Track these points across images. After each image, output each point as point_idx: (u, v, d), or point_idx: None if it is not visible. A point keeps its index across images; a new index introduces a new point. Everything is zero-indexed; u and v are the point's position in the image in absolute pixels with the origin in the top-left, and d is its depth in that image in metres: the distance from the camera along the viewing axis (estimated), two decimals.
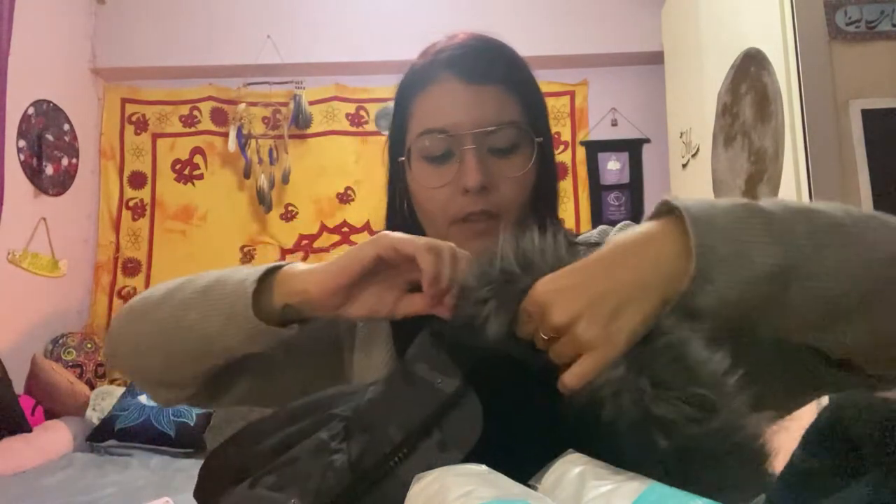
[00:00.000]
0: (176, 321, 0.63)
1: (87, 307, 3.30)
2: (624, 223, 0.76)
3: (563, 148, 3.40)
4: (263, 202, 3.28)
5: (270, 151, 3.33)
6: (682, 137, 2.82)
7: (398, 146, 0.75)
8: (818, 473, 0.32)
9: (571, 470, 0.41)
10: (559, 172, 3.44)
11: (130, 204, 3.40)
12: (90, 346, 3.06)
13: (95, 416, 2.72)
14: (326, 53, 3.34)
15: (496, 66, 0.72)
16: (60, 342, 2.98)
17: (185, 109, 3.44)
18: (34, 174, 2.93)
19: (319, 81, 3.40)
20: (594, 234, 0.78)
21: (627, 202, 3.36)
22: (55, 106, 3.08)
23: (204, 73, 3.41)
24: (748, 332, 0.53)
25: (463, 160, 0.69)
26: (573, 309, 0.48)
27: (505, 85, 0.71)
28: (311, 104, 3.36)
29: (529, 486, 0.42)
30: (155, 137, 3.45)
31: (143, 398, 2.68)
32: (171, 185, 3.40)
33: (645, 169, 3.37)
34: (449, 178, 0.69)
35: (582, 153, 3.40)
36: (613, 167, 3.38)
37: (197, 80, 3.44)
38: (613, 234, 0.75)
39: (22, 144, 2.86)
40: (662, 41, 3.14)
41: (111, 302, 3.31)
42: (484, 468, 0.42)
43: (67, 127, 3.16)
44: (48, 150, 3.00)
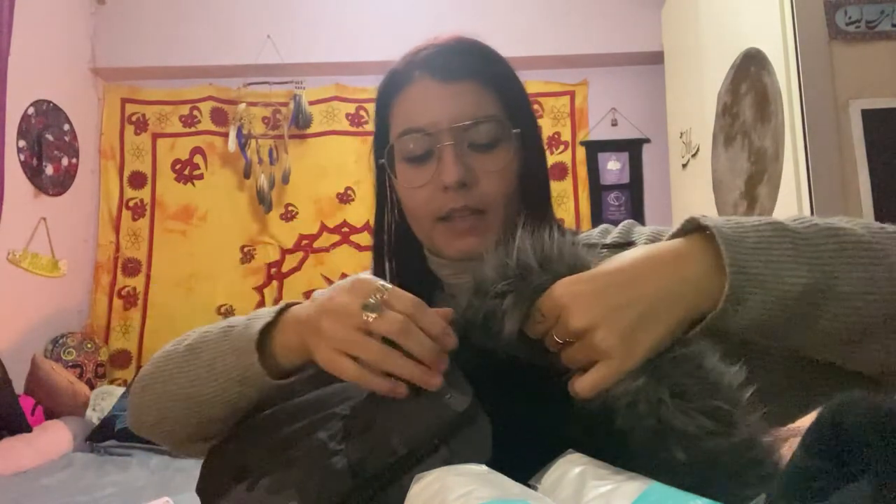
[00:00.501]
0: (193, 398, 0.62)
1: (87, 307, 3.30)
2: (628, 222, 0.76)
3: (563, 148, 3.40)
4: (263, 202, 3.28)
5: (270, 151, 3.33)
6: (682, 137, 2.82)
7: (381, 150, 0.75)
8: (818, 473, 0.32)
9: (571, 470, 0.41)
10: (559, 172, 3.43)
11: (130, 204, 3.40)
12: (90, 346, 3.06)
13: (95, 416, 2.72)
14: (326, 53, 3.34)
15: (470, 62, 0.71)
16: (60, 342, 2.97)
17: (185, 109, 3.44)
18: (34, 174, 2.93)
19: (319, 81, 3.41)
20: (595, 233, 0.78)
21: (627, 202, 3.36)
22: (55, 106, 3.07)
23: (204, 73, 3.41)
24: (763, 346, 0.53)
25: (441, 157, 0.69)
26: (592, 315, 0.47)
27: (481, 80, 0.70)
28: (311, 104, 3.36)
29: (529, 486, 0.42)
30: (155, 137, 3.45)
31: None
32: (171, 185, 3.40)
33: (645, 169, 3.37)
34: (429, 176, 0.69)
35: (582, 153, 3.40)
36: (613, 167, 3.38)
37: (197, 80, 3.44)
38: (616, 233, 0.75)
39: (22, 144, 2.86)
40: (662, 41, 3.14)
41: (111, 302, 3.31)
42: (484, 468, 0.42)
43: (67, 127, 3.16)
44: (48, 150, 3.00)
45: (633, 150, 3.39)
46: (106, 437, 2.57)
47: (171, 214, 3.38)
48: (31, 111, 2.91)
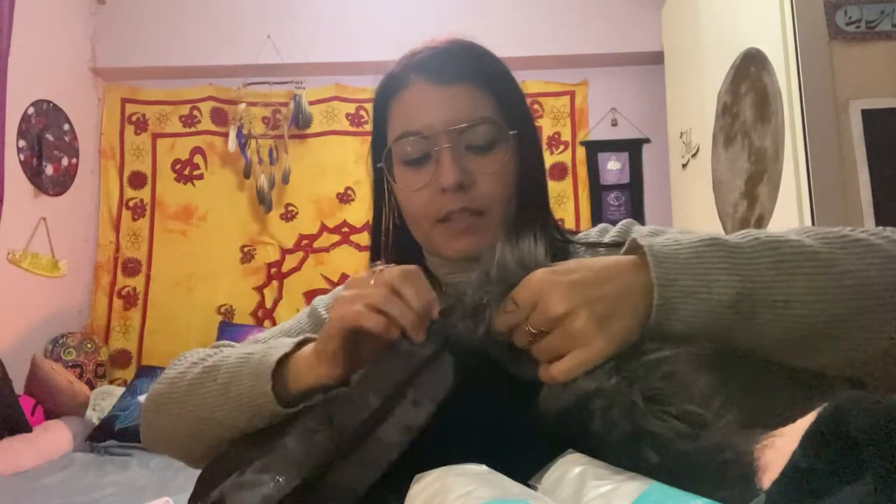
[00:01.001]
0: (205, 420, 0.64)
1: (87, 307, 3.30)
2: (627, 221, 0.76)
3: (563, 148, 3.40)
4: (263, 202, 3.28)
5: (270, 151, 3.33)
6: (682, 137, 2.82)
7: (379, 153, 0.76)
8: (818, 473, 0.32)
9: (571, 470, 0.41)
10: (559, 172, 3.43)
11: (130, 204, 3.40)
12: (90, 346, 3.06)
13: (95, 416, 2.72)
14: (326, 53, 3.34)
15: (465, 64, 0.72)
16: (60, 342, 2.97)
17: (185, 109, 3.44)
18: (34, 174, 2.93)
19: (319, 81, 3.41)
20: (593, 232, 0.78)
21: (627, 202, 3.36)
22: (55, 106, 3.07)
23: (204, 73, 3.41)
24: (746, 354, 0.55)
25: (439, 160, 0.69)
26: (573, 301, 0.49)
27: (476, 82, 0.71)
28: (311, 104, 3.36)
29: (529, 486, 0.42)
30: (155, 137, 3.45)
31: (143, 398, 2.67)
32: (171, 185, 3.40)
33: (645, 169, 3.37)
34: (427, 179, 0.70)
35: (582, 153, 3.40)
36: (613, 167, 3.38)
37: (197, 80, 3.44)
38: (615, 232, 0.75)
39: (22, 144, 2.86)
40: (662, 41, 3.14)
41: (111, 302, 3.31)
42: (484, 468, 0.42)
43: (67, 127, 3.16)
44: (48, 150, 3.00)
45: (633, 150, 3.39)
46: (106, 437, 2.57)
47: (171, 214, 3.38)
48: (31, 111, 2.91)
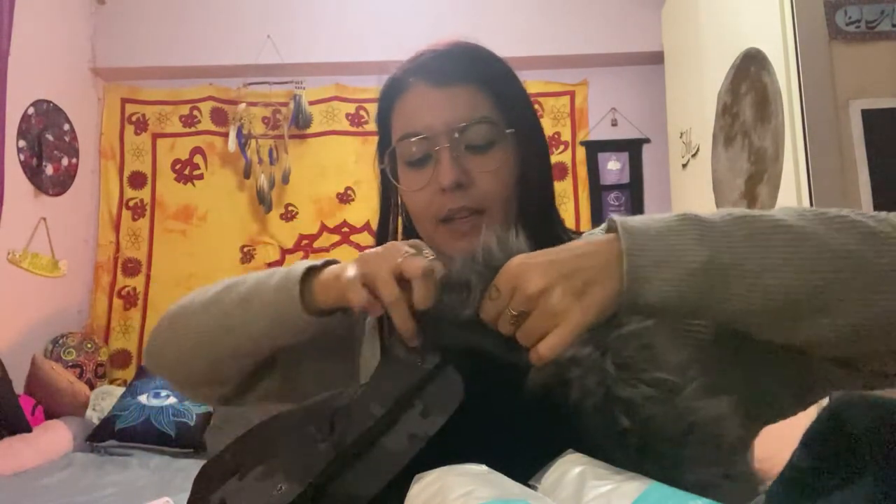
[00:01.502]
0: (221, 327, 0.67)
1: (87, 307, 3.30)
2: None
3: (563, 148, 3.40)
4: (263, 202, 3.28)
5: (270, 151, 3.33)
6: (682, 137, 2.82)
7: (384, 155, 0.78)
8: (818, 473, 0.32)
9: (571, 470, 0.41)
10: (559, 172, 3.43)
11: (130, 204, 3.40)
12: (90, 346, 3.06)
13: (95, 416, 2.72)
14: (326, 53, 3.34)
15: (464, 66, 0.74)
16: (60, 342, 2.97)
17: (185, 109, 3.44)
18: (34, 174, 2.93)
19: (319, 81, 3.40)
20: (597, 231, 0.79)
21: (627, 202, 3.36)
22: (55, 106, 3.08)
23: (204, 73, 3.41)
24: (738, 336, 0.56)
25: (438, 160, 0.71)
26: (548, 278, 0.51)
27: (476, 83, 0.73)
28: (311, 104, 3.36)
29: (529, 485, 0.42)
30: (155, 137, 3.45)
31: (143, 398, 2.68)
32: (171, 185, 3.40)
33: (645, 169, 3.37)
34: (428, 179, 0.72)
35: (582, 153, 3.40)
36: (613, 167, 3.38)
37: (197, 80, 3.44)
38: None
39: (22, 144, 2.86)
40: (662, 41, 3.14)
41: (111, 302, 3.31)
42: (484, 468, 0.42)
43: (67, 127, 3.16)
44: (48, 150, 3.00)
45: (633, 150, 3.39)
46: (106, 437, 2.57)
47: (171, 214, 3.38)
48: (31, 111, 2.91)
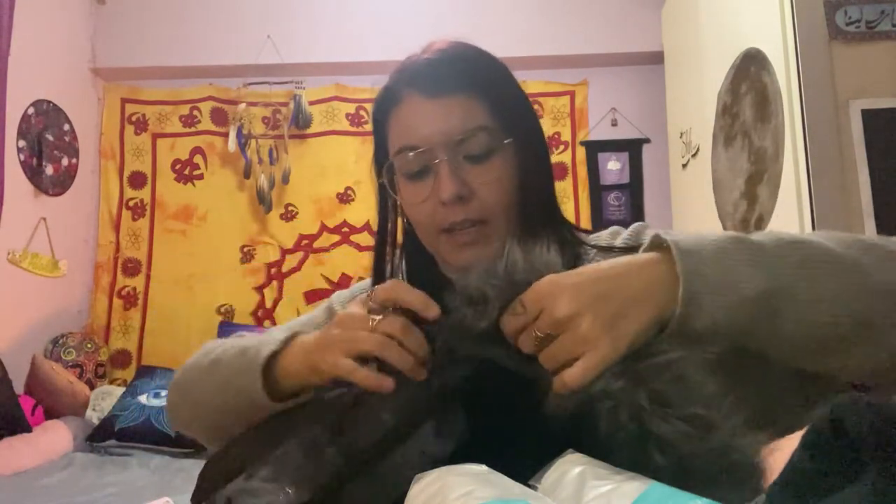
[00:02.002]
0: (216, 408, 0.70)
1: (87, 307, 3.29)
2: (640, 224, 0.76)
3: (563, 148, 3.40)
4: (263, 202, 3.28)
5: (270, 151, 3.33)
6: (682, 137, 2.82)
7: (382, 165, 0.77)
8: (818, 473, 0.32)
9: (571, 470, 0.41)
10: (559, 172, 3.42)
11: (130, 204, 3.40)
12: (90, 346, 3.06)
13: (95, 416, 2.72)
14: (326, 53, 3.33)
15: (458, 75, 0.72)
16: (60, 342, 2.97)
17: (185, 109, 3.44)
18: (34, 174, 2.93)
19: (319, 81, 3.40)
20: (604, 234, 0.78)
21: (627, 202, 3.36)
22: (55, 106, 3.07)
23: (204, 73, 3.40)
24: (758, 356, 0.54)
25: (437, 173, 0.70)
26: (578, 304, 0.49)
27: (470, 91, 0.71)
28: (311, 104, 3.36)
29: (529, 486, 0.42)
30: (155, 137, 3.45)
31: (143, 398, 2.68)
32: (171, 185, 3.40)
33: (645, 169, 3.37)
34: (428, 192, 0.71)
35: (582, 153, 3.40)
36: (613, 167, 3.38)
37: (197, 80, 3.44)
38: (626, 235, 0.75)
39: (22, 144, 2.86)
40: (662, 41, 3.14)
41: (111, 302, 3.31)
42: (484, 468, 0.42)
43: (67, 127, 3.16)
44: (48, 150, 3.00)
45: (633, 150, 3.39)
46: (106, 437, 2.57)
47: (171, 214, 3.37)
48: (31, 111, 2.91)
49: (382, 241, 0.80)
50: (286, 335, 0.66)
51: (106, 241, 3.35)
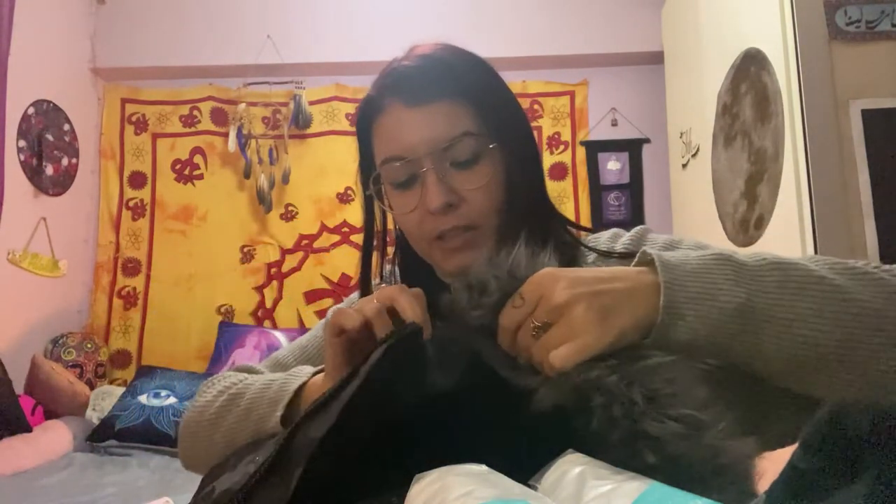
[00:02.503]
0: (231, 444, 0.67)
1: (87, 307, 3.29)
2: (641, 228, 0.76)
3: (563, 148, 3.40)
4: (263, 202, 3.28)
5: (270, 151, 3.33)
6: (682, 137, 2.82)
7: (367, 176, 0.77)
8: (818, 473, 0.32)
9: (571, 470, 0.41)
10: (559, 172, 3.42)
11: (130, 204, 3.40)
12: (90, 346, 3.06)
13: (95, 416, 2.72)
14: (326, 53, 3.34)
15: (440, 81, 0.70)
16: (60, 342, 2.97)
17: (185, 109, 3.44)
18: (34, 174, 2.93)
19: (319, 81, 3.40)
20: (604, 237, 0.78)
21: (627, 202, 3.36)
22: (55, 106, 3.07)
23: (204, 73, 3.41)
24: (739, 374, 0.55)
25: (424, 183, 0.69)
26: (575, 292, 0.50)
27: (453, 98, 0.70)
28: (311, 104, 3.36)
29: (529, 485, 0.42)
30: (155, 137, 3.45)
31: (143, 398, 2.67)
32: (171, 185, 3.40)
33: (645, 169, 3.37)
34: (416, 201, 0.71)
35: (582, 153, 3.40)
36: (613, 167, 3.38)
37: (197, 80, 3.44)
38: (626, 239, 0.75)
39: (22, 144, 2.86)
40: (662, 41, 3.14)
41: (111, 302, 3.31)
42: (484, 468, 0.42)
43: (67, 127, 3.16)
44: (48, 150, 3.00)
45: (633, 150, 3.39)
46: (106, 437, 2.57)
47: (171, 214, 3.37)
48: (31, 111, 2.91)
49: (368, 251, 0.80)
50: (316, 369, 0.66)
51: (106, 241, 3.35)
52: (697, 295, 0.51)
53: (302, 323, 3.27)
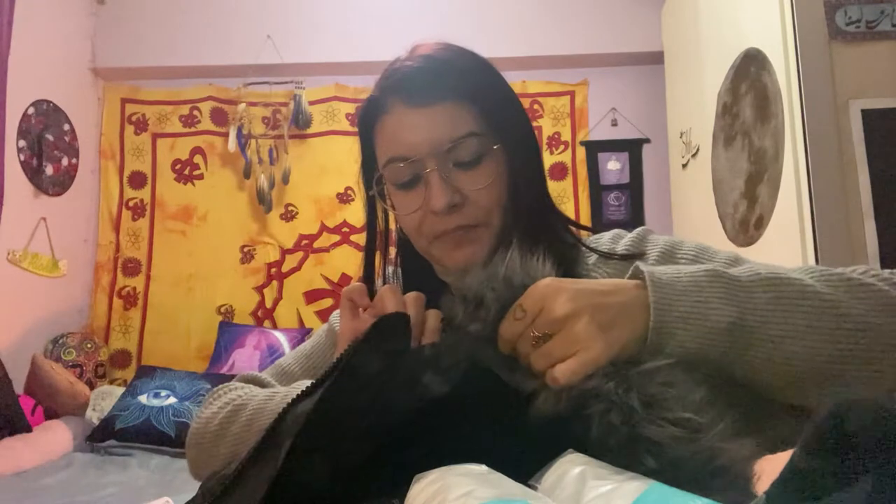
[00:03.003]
0: (235, 455, 0.67)
1: (87, 307, 3.30)
2: (643, 230, 0.76)
3: (563, 148, 3.40)
4: (263, 202, 3.28)
5: (270, 151, 3.33)
6: (682, 137, 2.82)
7: (370, 177, 0.77)
8: (818, 473, 0.32)
9: (571, 470, 0.41)
10: (559, 172, 3.42)
11: (130, 204, 3.40)
12: (90, 346, 3.06)
13: (95, 416, 2.72)
14: (326, 53, 3.34)
15: (443, 81, 0.70)
16: (60, 342, 2.97)
17: (185, 109, 3.44)
18: (34, 174, 2.93)
19: (319, 81, 3.40)
20: (605, 238, 0.77)
21: (627, 202, 3.36)
22: (55, 106, 3.08)
23: (204, 73, 3.41)
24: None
25: (428, 183, 0.70)
26: (577, 304, 0.50)
27: (455, 98, 0.70)
28: (311, 104, 3.36)
29: (529, 485, 0.42)
30: (155, 137, 3.45)
31: (143, 398, 2.67)
32: (171, 185, 3.40)
33: (645, 169, 3.37)
34: (419, 201, 0.71)
35: (582, 153, 3.40)
36: (613, 167, 3.38)
37: (197, 80, 3.44)
38: (628, 241, 0.74)
39: (22, 144, 2.86)
40: (662, 41, 3.14)
41: (111, 302, 3.31)
42: (484, 468, 0.42)
43: (67, 127, 3.16)
44: (48, 150, 3.00)
45: (633, 150, 3.39)
46: (106, 437, 2.57)
47: (171, 214, 3.38)
48: (31, 111, 2.91)
49: (371, 251, 0.81)
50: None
51: (106, 241, 3.35)
52: (688, 314, 0.51)
53: (302, 323, 3.28)
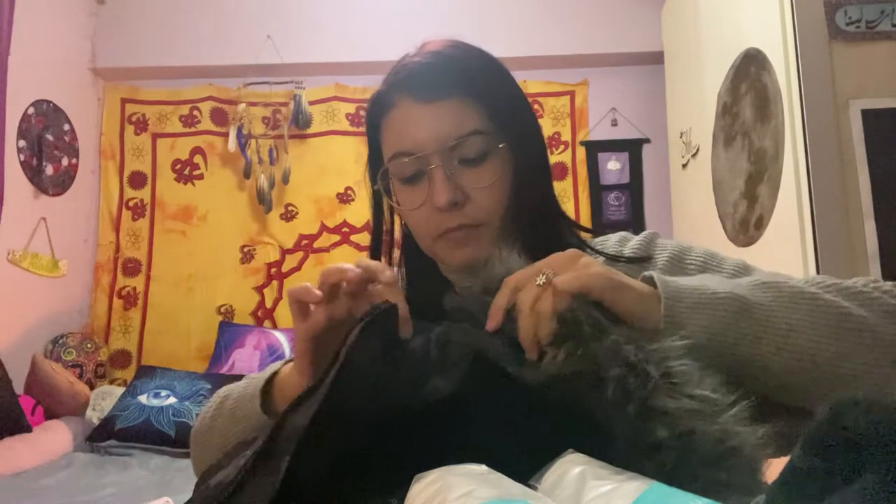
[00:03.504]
0: (225, 446, 0.68)
1: (87, 307, 3.30)
2: (650, 233, 0.76)
3: (563, 148, 3.41)
4: (263, 202, 3.28)
5: (270, 151, 3.33)
6: (682, 137, 2.82)
7: (376, 171, 0.77)
8: (818, 473, 0.32)
9: (571, 470, 0.41)
10: (559, 172, 3.42)
11: (130, 204, 3.40)
12: (90, 346, 3.06)
13: (95, 416, 2.72)
14: (326, 53, 3.34)
15: (450, 78, 0.71)
16: (60, 342, 2.97)
17: (185, 109, 3.44)
18: (34, 174, 2.93)
19: (319, 81, 3.41)
20: (612, 240, 0.78)
21: (627, 202, 3.36)
22: (55, 106, 3.08)
23: (204, 73, 3.41)
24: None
25: (432, 179, 0.70)
26: (591, 262, 0.53)
27: (463, 95, 0.70)
28: (311, 104, 3.36)
29: (529, 485, 0.42)
30: (155, 137, 3.45)
31: (143, 398, 2.68)
32: (171, 185, 3.40)
33: (645, 169, 3.37)
34: (423, 197, 0.71)
35: (582, 153, 3.40)
36: (613, 167, 3.38)
37: (197, 80, 3.44)
38: (635, 244, 0.75)
39: (22, 144, 2.86)
40: (662, 41, 3.14)
41: (111, 302, 3.31)
42: (484, 468, 0.42)
43: (67, 127, 3.16)
44: (48, 150, 3.00)
45: (633, 150, 3.39)
46: (106, 437, 2.57)
47: (171, 214, 3.38)
48: (31, 111, 2.91)
49: (377, 246, 0.81)
50: (288, 358, 0.69)
51: (106, 241, 3.35)
52: (696, 302, 0.53)
53: None
